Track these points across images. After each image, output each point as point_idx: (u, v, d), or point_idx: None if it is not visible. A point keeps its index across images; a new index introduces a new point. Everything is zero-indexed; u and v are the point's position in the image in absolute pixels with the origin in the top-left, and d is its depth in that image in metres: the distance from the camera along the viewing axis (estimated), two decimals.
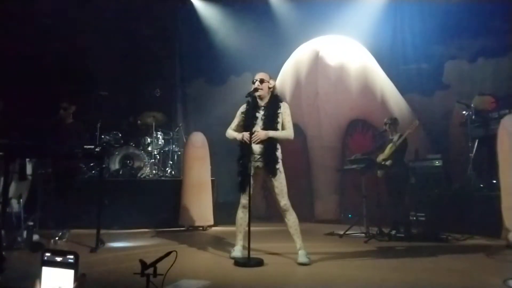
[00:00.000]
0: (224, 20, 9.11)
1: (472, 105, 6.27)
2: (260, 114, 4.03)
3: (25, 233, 4.63)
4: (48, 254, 0.90)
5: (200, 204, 6.44)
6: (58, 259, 0.93)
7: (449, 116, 7.16)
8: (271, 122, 3.98)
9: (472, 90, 6.87)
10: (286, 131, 4.03)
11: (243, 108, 4.16)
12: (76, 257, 1.20)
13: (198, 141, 6.80)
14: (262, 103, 4.08)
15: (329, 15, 8.14)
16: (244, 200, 4.00)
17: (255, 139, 3.91)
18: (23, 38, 7.38)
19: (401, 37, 7.97)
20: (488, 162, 6.05)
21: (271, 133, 3.94)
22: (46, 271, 0.88)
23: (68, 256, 0.91)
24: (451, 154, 6.84)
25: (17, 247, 4.47)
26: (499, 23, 6.91)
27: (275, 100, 4.10)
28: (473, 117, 6.22)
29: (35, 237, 4.71)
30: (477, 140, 6.18)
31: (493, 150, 5.24)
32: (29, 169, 5.04)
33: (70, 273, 0.92)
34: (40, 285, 0.83)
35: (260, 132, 3.92)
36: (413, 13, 7.90)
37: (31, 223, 4.76)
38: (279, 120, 4.01)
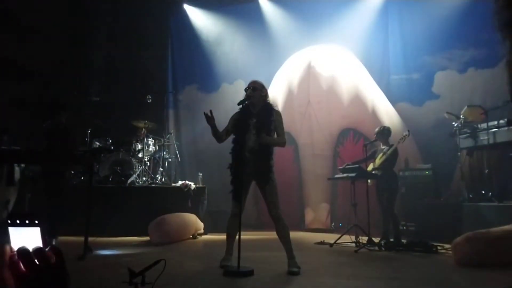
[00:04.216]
0: (217, 28, 9.15)
1: (461, 116, 6.34)
2: (253, 121, 4.02)
3: None
4: (11, 218, 0.91)
5: (190, 217, 6.37)
6: (22, 220, 0.95)
7: (439, 126, 7.23)
8: (264, 129, 3.96)
9: (462, 101, 6.93)
10: (279, 138, 4.03)
11: (236, 115, 4.15)
12: (38, 217, 1.19)
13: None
14: (254, 110, 4.07)
15: (321, 24, 8.23)
16: (235, 208, 3.96)
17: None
18: (18, 41, 7.33)
19: (392, 48, 8.06)
20: (477, 172, 6.12)
21: (267, 139, 3.91)
22: (12, 231, 0.89)
23: (30, 217, 0.92)
24: (440, 164, 6.89)
25: None
26: (489, 34, 7.00)
27: (267, 107, 4.08)
28: (463, 128, 6.29)
29: None
30: (466, 151, 6.25)
31: (482, 161, 5.29)
32: (17, 174, 4.98)
33: (36, 232, 0.94)
34: (10, 248, 0.82)
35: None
36: (404, 23, 8.00)
37: None
38: (272, 127, 4.00)
